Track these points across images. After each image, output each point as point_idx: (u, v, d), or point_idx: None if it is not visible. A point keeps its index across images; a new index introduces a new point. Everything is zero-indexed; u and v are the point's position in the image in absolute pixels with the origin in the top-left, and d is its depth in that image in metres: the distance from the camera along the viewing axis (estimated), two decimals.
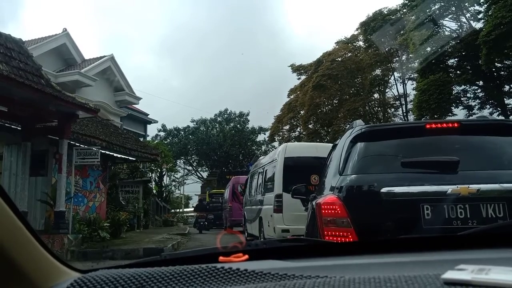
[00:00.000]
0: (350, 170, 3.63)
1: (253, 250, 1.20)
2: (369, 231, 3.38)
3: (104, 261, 9.65)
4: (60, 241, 10.57)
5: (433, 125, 3.79)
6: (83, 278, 0.89)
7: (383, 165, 3.72)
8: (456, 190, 3.19)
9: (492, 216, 3.18)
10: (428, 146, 3.76)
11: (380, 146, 3.88)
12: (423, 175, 3.41)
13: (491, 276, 0.73)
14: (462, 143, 3.76)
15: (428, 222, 3.23)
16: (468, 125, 4.03)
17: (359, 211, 3.41)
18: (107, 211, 15.05)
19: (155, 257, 1.22)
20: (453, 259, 0.92)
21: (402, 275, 0.78)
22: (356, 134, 3.84)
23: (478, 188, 3.19)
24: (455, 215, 3.22)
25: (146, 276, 0.88)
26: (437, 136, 3.77)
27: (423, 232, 3.22)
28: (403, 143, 3.83)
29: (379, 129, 4.23)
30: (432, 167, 3.43)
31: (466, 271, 0.77)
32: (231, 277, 0.89)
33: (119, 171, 20.33)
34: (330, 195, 3.62)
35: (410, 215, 3.31)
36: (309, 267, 0.99)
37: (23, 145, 11.16)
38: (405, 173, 3.45)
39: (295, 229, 10.04)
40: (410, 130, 4.08)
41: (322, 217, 3.54)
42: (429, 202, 3.26)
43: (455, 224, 3.21)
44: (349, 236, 3.34)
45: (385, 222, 3.38)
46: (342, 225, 3.40)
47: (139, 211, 19.20)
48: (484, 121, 4.23)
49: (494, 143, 3.76)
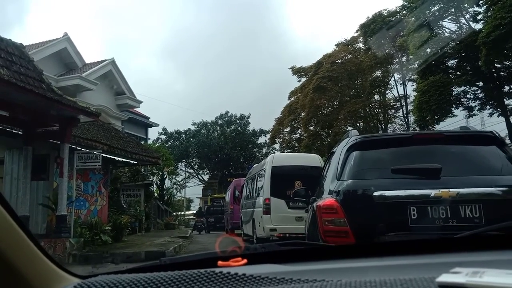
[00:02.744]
0: (346, 175, 4.14)
1: (251, 254, 1.20)
2: (363, 230, 3.84)
3: (106, 265, 9.65)
4: (62, 245, 10.56)
5: (420, 136, 4.51)
6: (82, 284, 0.90)
7: (375, 171, 4.21)
8: (438, 194, 3.70)
9: (469, 216, 3.69)
10: (415, 155, 4.27)
11: (373, 154, 4.38)
12: (410, 181, 3.90)
13: (484, 279, 0.74)
14: (445, 152, 4.30)
15: (414, 222, 3.72)
16: (450, 136, 4.63)
17: (354, 212, 3.89)
18: (108, 215, 15.04)
19: (155, 262, 1.23)
20: (449, 261, 0.92)
21: (398, 278, 0.79)
22: (352, 143, 4.36)
23: (457, 191, 3.70)
24: (437, 215, 3.72)
25: (145, 281, 0.89)
26: (423, 146, 4.38)
27: (410, 230, 3.71)
28: (393, 152, 4.36)
29: (372, 139, 4.74)
30: (418, 173, 3.94)
31: (460, 274, 0.78)
32: (230, 281, 0.90)
33: (121, 175, 20.31)
34: (329, 198, 4.11)
35: (399, 215, 3.78)
36: (307, 270, 0.99)
37: (25, 150, 11.16)
38: (395, 179, 3.97)
39: (282, 228, 11.79)
40: (399, 140, 4.69)
41: (322, 217, 4.04)
42: (415, 204, 3.75)
43: (438, 223, 3.71)
44: (346, 234, 3.81)
45: (377, 222, 3.84)
46: (339, 224, 3.88)
47: (141, 215, 19.18)
48: (465, 132, 4.67)
49: (473, 152, 4.28)
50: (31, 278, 0.91)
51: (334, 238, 3.89)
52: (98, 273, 1.00)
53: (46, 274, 0.95)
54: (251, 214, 14.06)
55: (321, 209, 4.12)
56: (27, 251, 0.92)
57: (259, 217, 12.68)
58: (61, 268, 1.00)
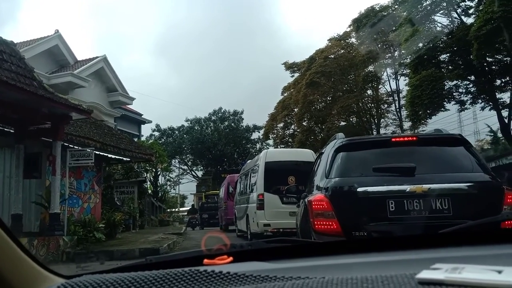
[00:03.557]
0: (334, 174, 4.75)
1: (237, 252, 1.21)
2: (348, 221, 4.41)
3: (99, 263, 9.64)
4: (55, 243, 10.54)
5: (397, 138, 5.15)
6: (66, 284, 0.90)
7: (359, 170, 4.79)
8: (413, 189, 4.28)
9: (440, 208, 4.28)
10: (393, 155, 4.84)
11: (357, 154, 4.99)
12: (388, 178, 4.49)
13: (464, 275, 0.75)
14: (419, 153, 4.89)
15: (392, 213, 4.30)
16: (423, 138, 5.30)
17: (341, 206, 4.45)
18: (102, 212, 15.01)
19: (140, 261, 1.23)
20: (431, 257, 0.93)
21: (379, 275, 0.80)
22: (338, 145, 4.99)
23: (429, 187, 4.27)
24: (412, 208, 4.29)
25: (129, 281, 0.89)
26: (400, 147, 4.94)
27: (389, 221, 4.31)
28: (375, 153, 4.95)
29: (356, 142, 5.29)
30: (395, 171, 4.56)
31: (440, 271, 0.79)
32: (214, 280, 0.90)
33: (114, 172, 20.27)
34: (319, 194, 4.72)
35: (379, 208, 4.32)
36: (292, 268, 1.00)
37: (16, 148, 11.11)
38: (376, 176, 4.55)
39: (275, 223, 11.76)
40: (379, 142, 5.27)
41: (313, 211, 4.58)
42: (393, 198, 4.32)
43: (412, 214, 4.29)
44: (334, 225, 4.38)
45: (361, 214, 4.43)
46: (328, 216, 4.43)
47: (135, 212, 19.16)
48: (436, 135, 5.39)
49: (444, 152, 4.94)
50: (13, 278, 0.90)
51: (324, 227, 4.44)
52: (83, 273, 1.00)
53: (28, 275, 0.95)
54: (245, 210, 14.10)
55: (312, 203, 4.64)
56: (8, 251, 0.91)
57: (253, 213, 12.72)
58: (45, 268, 1.00)
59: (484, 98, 23.18)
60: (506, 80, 22.55)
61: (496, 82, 22.65)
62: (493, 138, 26.97)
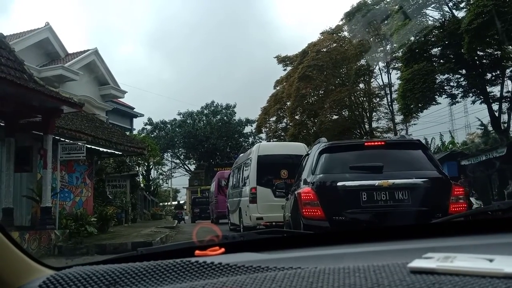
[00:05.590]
0: (318, 171, 5.89)
1: (229, 243, 1.21)
2: (330, 209, 5.46)
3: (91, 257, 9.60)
4: (47, 237, 10.50)
5: (369, 143, 6.45)
6: (55, 276, 0.89)
7: (339, 168, 5.91)
8: (380, 183, 5.39)
9: (401, 199, 5.39)
10: (366, 156, 5.96)
11: (337, 156, 6.17)
12: (362, 174, 5.62)
13: (455, 264, 0.75)
14: (386, 154, 6.02)
15: (365, 203, 5.40)
16: (390, 143, 6.63)
17: (324, 197, 5.53)
18: (94, 206, 14.96)
19: (132, 253, 1.22)
20: (423, 247, 0.93)
21: (371, 265, 0.80)
22: (322, 148, 6.16)
23: (393, 182, 5.39)
24: (380, 198, 5.40)
25: (119, 272, 0.88)
26: (372, 150, 6.16)
27: (362, 208, 5.41)
28: (351, 154, 6.16)
29: (336, 145, 6.45)
30: (367, 169, 5.68)
31: (432, 259, 0.79)
32: (206, 271, 0.90)
33: (106, 166, 20.19)
34: (306, 187, 5.83)
35: (354, 199, 5.41)
36: (284, 258, 1.00)
37: (7, 141, 11.03)
38: (352, 173, 5.67)
39: (268, 216, 11.97)
40: (355, 146, 6.57)
41: (302, 201, 5.64)
42: (365, 190, 5.43)
43: (380, 203, 5.38)
44: (318, 212, 5.45)
45: (340, 203, 5.51)
46: (314, 205, 5.51)
47: (127, 205, 19.13)
48: (400, 140, 7.06)
49: (405, 154, 6.11)
50: (1, 271, 0.90)
51: (310, 214, 5.49)
52: (73, 264, 0.99)
53: (17, 267, 0.94)
54: (237, 204, 14.14)
55: (301, 194, 5.73)
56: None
57: (246, 206, 12.78)
58: (34, 260, 0.99)
59: (475, 92, 23.25)
60: (496, 74, 22.63)
61: (487, 76, 22.72)
62: (483, 131, 27.10)
